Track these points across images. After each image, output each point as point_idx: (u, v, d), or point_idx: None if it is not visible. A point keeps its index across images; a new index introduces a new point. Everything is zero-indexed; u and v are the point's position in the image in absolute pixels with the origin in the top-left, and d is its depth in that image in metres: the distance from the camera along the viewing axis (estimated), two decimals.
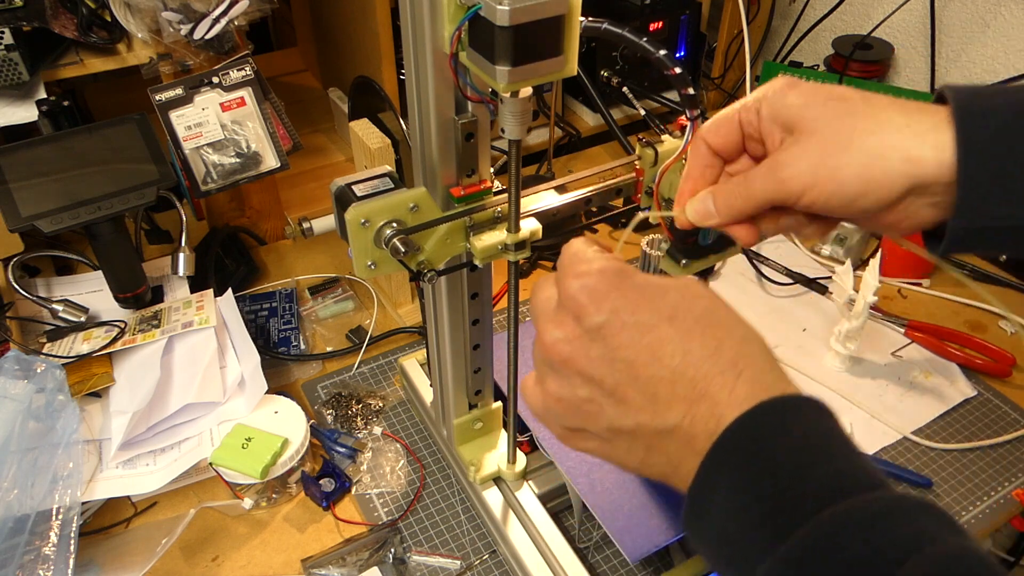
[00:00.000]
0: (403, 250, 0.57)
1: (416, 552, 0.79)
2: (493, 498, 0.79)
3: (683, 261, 0.61)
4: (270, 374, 0.91)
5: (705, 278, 0.64)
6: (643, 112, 1.33)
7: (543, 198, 0.63)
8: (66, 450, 0.75)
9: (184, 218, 0.97)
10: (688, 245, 0.60)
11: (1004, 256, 1.14)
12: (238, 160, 0.98)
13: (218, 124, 0.97)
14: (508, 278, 0.64)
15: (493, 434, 0.83)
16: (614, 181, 0.65)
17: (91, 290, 1.00)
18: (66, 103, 0.91)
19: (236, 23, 0.94)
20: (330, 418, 0.93)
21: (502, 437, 0.82)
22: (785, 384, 0.37)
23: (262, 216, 1.18)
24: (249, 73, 0.97)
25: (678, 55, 1.43)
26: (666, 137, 0.63)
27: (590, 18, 0.55)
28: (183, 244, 0.98)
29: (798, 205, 0.43)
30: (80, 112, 1.06)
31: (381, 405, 0.94)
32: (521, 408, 0.79)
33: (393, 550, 0.79)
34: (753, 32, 1.47)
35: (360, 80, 1.01)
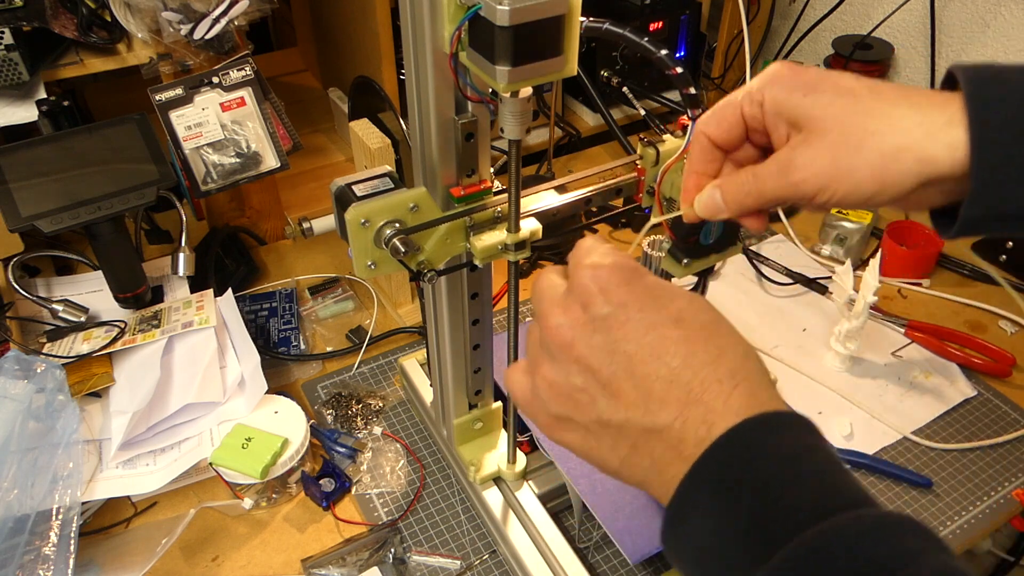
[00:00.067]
0: (403, 250, 0.57)
1: (416, 552, 0.79)
2: (493, 498, 0.79)
3: (685, 260, 0.61)
4: (270, 374, 0.91)
5: (706, 277, 0.64)
6: (643, 112, 1.33)
7: (543, 198, 0.63)
8: (66, 450, 0.75)
9: (184, 218, 0.97)
10: (690, 245, 0.60)
11: (1004, 256, 1.14)
12: (238, 160, 0.98)
13: (218, 124, 0.97)
14: (508, 278, 0.64)
15: (493, 434, 0.83)
16: (614, 181, 0.65)
17: (91, 290, 1.00)
18: (66, 103, 0.91)
19: (236, 23, 0.94)
20: (330, 418, 0.92)
21: (502, 437, 0.82)
22: (778, 403, 0.37)
23: (262, 216, 1.18)
24: (249, 73, 0.97)
25: (678, 55, 1.43)
26: (668, 137, 0.63)
27: (591, 18, 0.55)
28: (183, 244, 0.98)
29: (811, 204, 0.44)
30: (80, 112, 1.06)
31: (381, 405, 0.94)
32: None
33: (393, 550, 0.79)
34: (753, 32, 1.47)
35: (360, 80, 1.01)
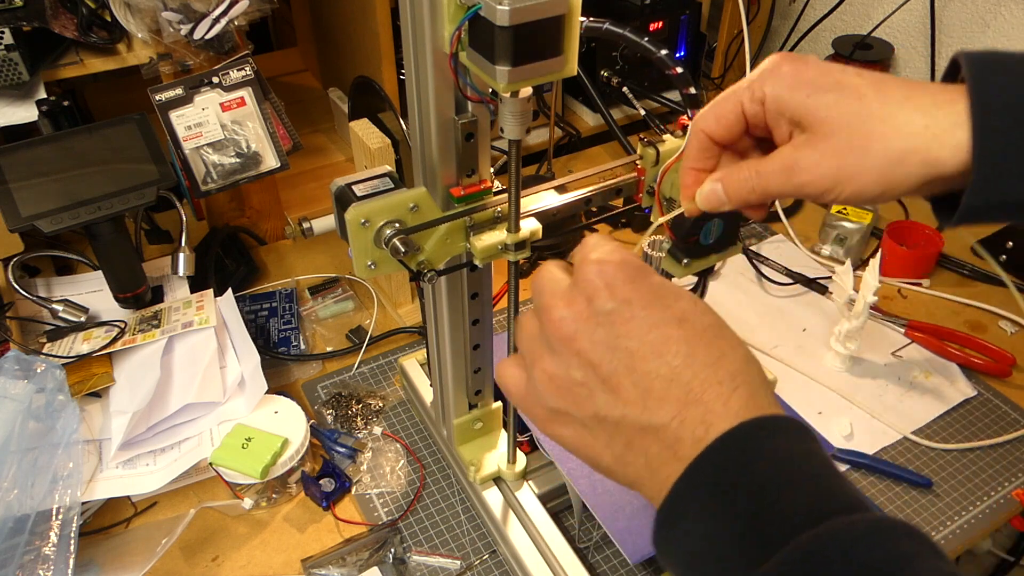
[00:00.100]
0: (403, 250, 0.57)
1: (416, 552, 0.79)
2: (493, 498, 0.79)
3: (685, 260, 0.61)
4: (270, 374, 0.91)
5: (706, 277, 0.64)
6: (643, 112, 1.33)
7: (543, 198, 0.63)
8: (66, 450, 0.75)
9: (184, 218, 0.97)
10: (689, 244, 0.60)
11: (1004, 256, 1.14)
12: (238, 160, 0.98)
13: (218, 124, 0.97)
14: (508, 278, 0.64)
15: (493, 434, 0.83)
16: (614, 181, 0.65)
17: (91, 290, 1.00)
18: (66, 103, 0.91)
19: (236, 23, 0.94)
20: (330, 418, 0.92)
21: (502, 437, 0.82)
22: (775, 408, 0.37)
23: (262, 216, 1.18)
24: (249, 73, 0.97)
25: (678, 55, 1.43)
26: (667, 137, 0.63)
27: (591, 18, 0.55)
28: (183, 244, 0.98)
29: (814, 200, 0.44)
30: (80, 112, 1.06)
31: (381, 405, 0.94)
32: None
33: (393, 550, 0.79)
34: (753, 32, 1.47)
35: (360, 80, 1.01)
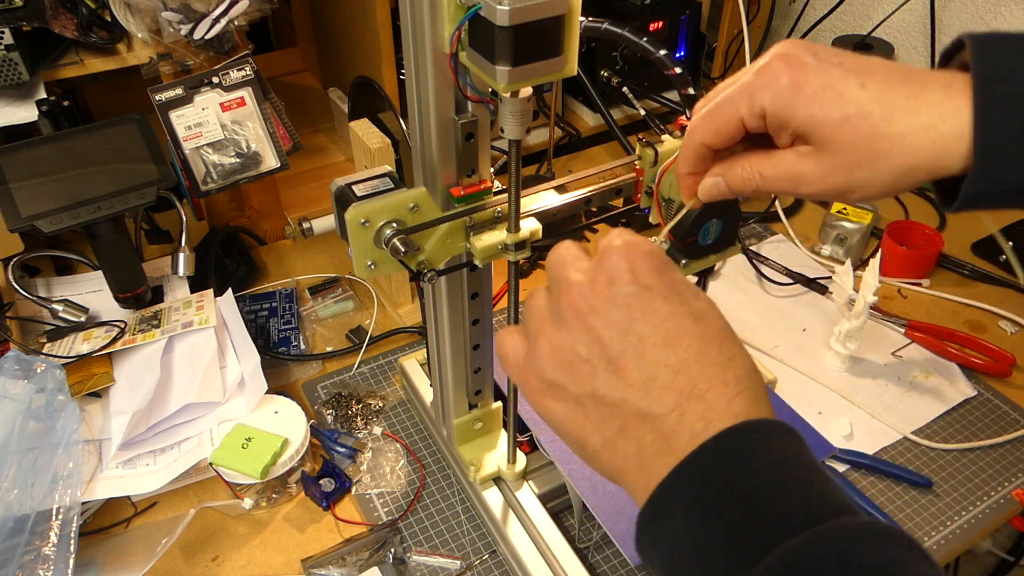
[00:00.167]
0: (403, 250, 0.57)
1: (416, 552, 0.79)
2: (493, 498, 0.79)
3: (683, 261, 0.61)
4: (270, 374, 0.91)
5: (705, 277, 0.64)
6: (643, 112, 1.33)
7: (543, 198, 0.63)
8: (66, 450, 0.75)
9: (184, 218, 0.97)
10: (688, 245, 0.60)
11: (1004, 256, 1.14)
12: (238, 160, 0.98)
13: (218, 124, 0.97)
14: (508, 278, 0.64)
15: (493, 434, 0.83)
16: (614, 181, 0.65)
17: (91, 290, 1.00)
18: (66, 103, 0.91)
19: (236, 23, 0.94)
20: (330, 418, 0.93)
21: (502, 437, 0.82)
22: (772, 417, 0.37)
23: (262, 216, 1.18)
24: (249, 73, 0.97)
25: (678, 55, 1.43)
26: (666, 137, 0.63)
27: (590, 18, 0.55)
28: (183, 244, 0.98)
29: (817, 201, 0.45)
30: (80, 112, 1.06)
31: (381, 405, 0.94)
32: (521, 408, 0.79)
33: (393, 550, 0.79)
34: (753, 32, 1.47)
35: (360, 80, 1.01)
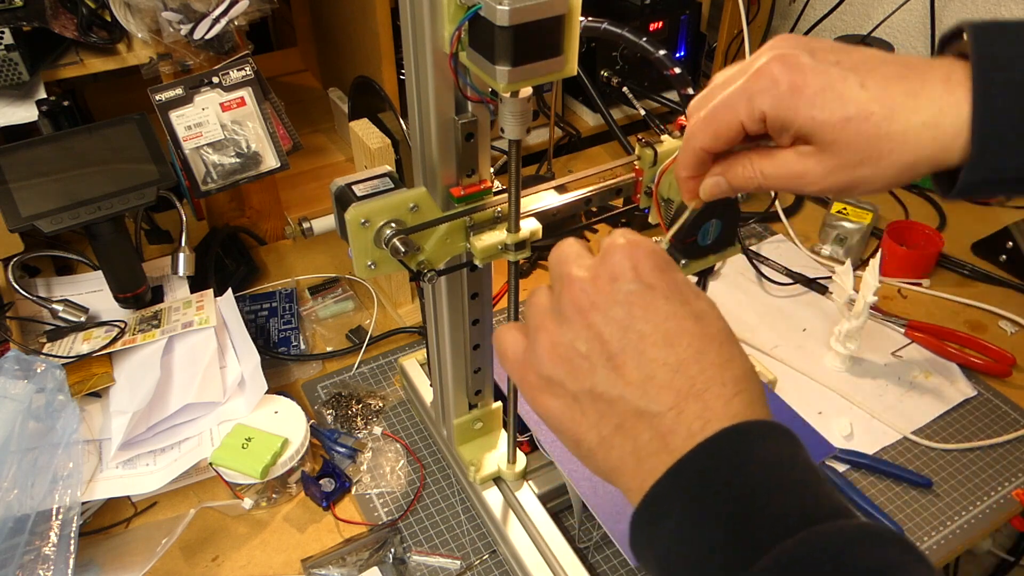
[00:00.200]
0: (403, 250, 0.57)
1: (416, 552, 0.79)
2: (493, 498, 0.79)
3: (683, 261, 0.61)
4: (270, 374, 0.91)
5: (705, 277, 0.64)
6: (643, 112, 1.33)
7: (543, 198, 0.63)
8: (66, 450, 0.75)
9: (184, 218, 0.97)
10: (687, 245, 0.60)
11: (1004, 256, 1.14)
12: (238, 160, 0.98)
13: (218, 124, 0.97)
14: (508, 278, 0.64)
15: (493, 434, 0.83)
16: (614, 181, 0.65)
17: (91, 290, 1.00)
18: (66, 103, 0.91)
19: (236, 23, 0.94)
20: (330, 418, 0.93)
21: (502, 437, 0.82)
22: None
23: (262, 216, 1.18)
24: (249, 73, 0.97)
25: (678, 55, 1.43)
26: (665, 137, 0.63)
27: (590, 18, 0.55)
28: (183, 244, 0.98)
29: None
30: (80, 112, 1.06)
31: (381, 405, 0.94)
32: (521, 408, 0.79)
33: (393, 550, 0.79)
34: (753, 32, 1.47)
35: (360, 80, 1.01)
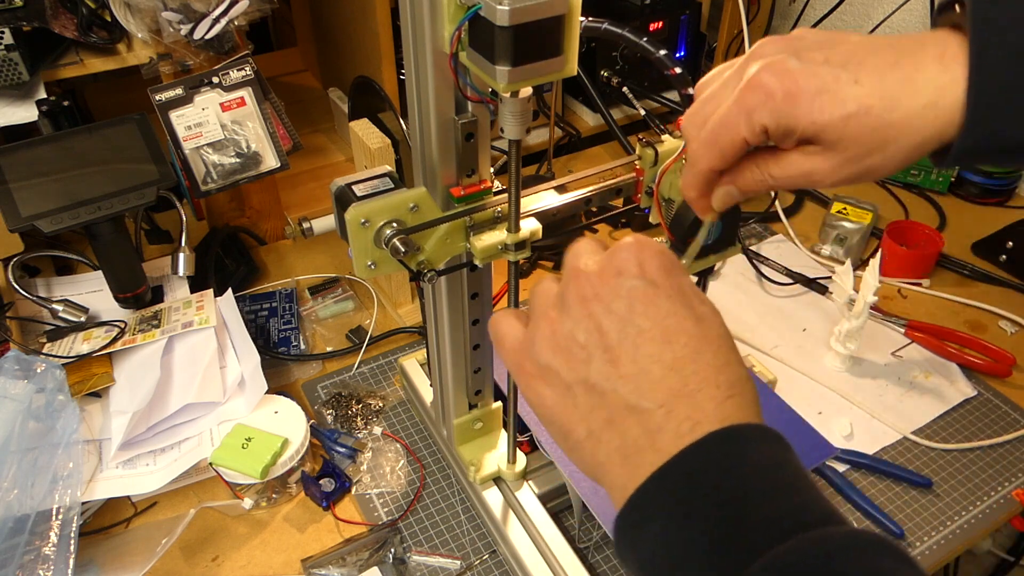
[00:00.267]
0: (403, 250, 0.57)
1: (416, 552, 0.79)
2: (493, 498, 0.79)
3: (683, 261, 0.61)
4: (270, 374, 0.91)
5: (706, 277, 0.64)
6: (643, 112, 1.33)
7: (543, 198, 0.63)
8: (66, 450, 0.75)
9: (184, 218, 0.97)
10: (688, 245, 0.60)
11: (1004, 256, 1.14)
12: (238, 160, 0.98)
13: (218, 124, 0.97)
14: (508, 278, 0.64)
15: (493, 434, 0.83)
16: (614, 181, 0.65)
17: (91, 290, 1.00)
18: (66, 103, 0.91)
19: (236, 23, 0.94)
20: (330, 418, 0.93)
21: (502, 437, 0.82)
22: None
23: (262, 216, 1.18)
24: (249, 73, 0.97)
25: (678, 55, 1.43)
26: (666, 137, 0.63)
27: (590, 18, 0.55)
28: (183, 244, 0.98)
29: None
30: (80, 112, 1.06)
31: (381, 405, 0.94)
32: (521, 408, 0.79)
33: (393, 550, 0.79)
34: (753, 32, 1.47)
35: (360, 80, 1.01)
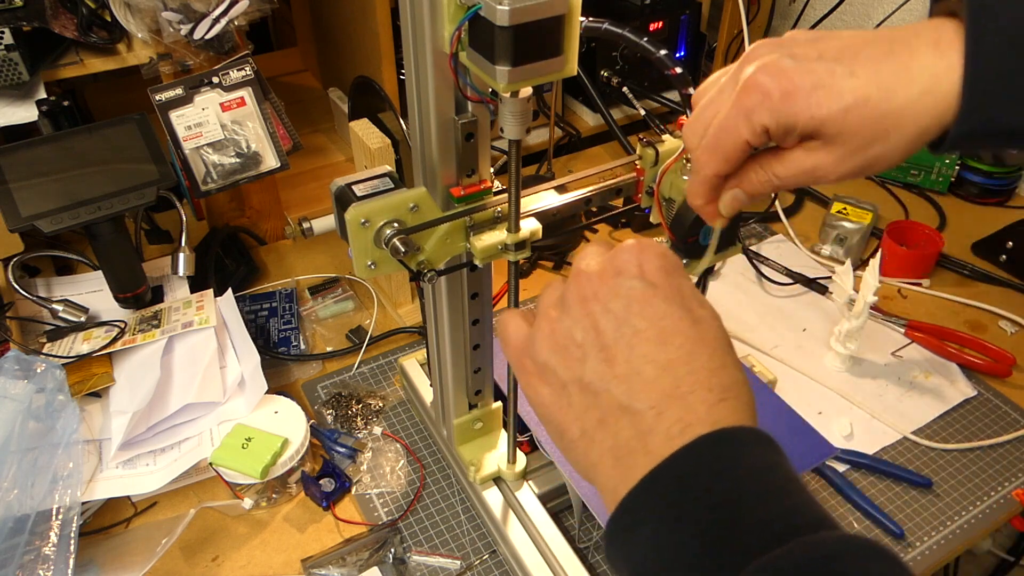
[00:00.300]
0: (403, 250, 0.57)
1: (416, 552, 0.79)
2: (493, 498, 0.79)
3: (684, 261, 0.61)
4: (270, 374, 0.91)
5: (706, 277, 0.64)
6: (643, 112, 1.33)
7: (543, 198, 0.63)
8: (66, 450, 0.75)
9: (184, 218, 0.97)
10: (689, 245, 0.60)
11: (1004, 256, 1.14)
12: (238, 160, 0.98)
13: (218, 124, 0.97)
14: (508, 278, 0.64)
15: (493, 434, 0.83)
16: (614, 181, 0.65)
17: (91, 290, 1.00)
18: (66, 103, 0.91)
19: (236, 23, 0.94)
20: (330, 418, 0.92)
21: (502, 437, 0.82)
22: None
23: (262, 216, 1.18)
24: (249, 73, 0.97)
25: (678, 55, 1.43)
26: (667, 137, 0.63)
27: (591, 18, 0.55)
28: (183, 244, 0.98)
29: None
30: (80, 112, 1.06)
31: (381, 405, 0.94)
32: (521, 408, 0.79)
33: (393, 550, 0.79)
34: (753, 32, 1.47)
35: (360, 80, 1.01)
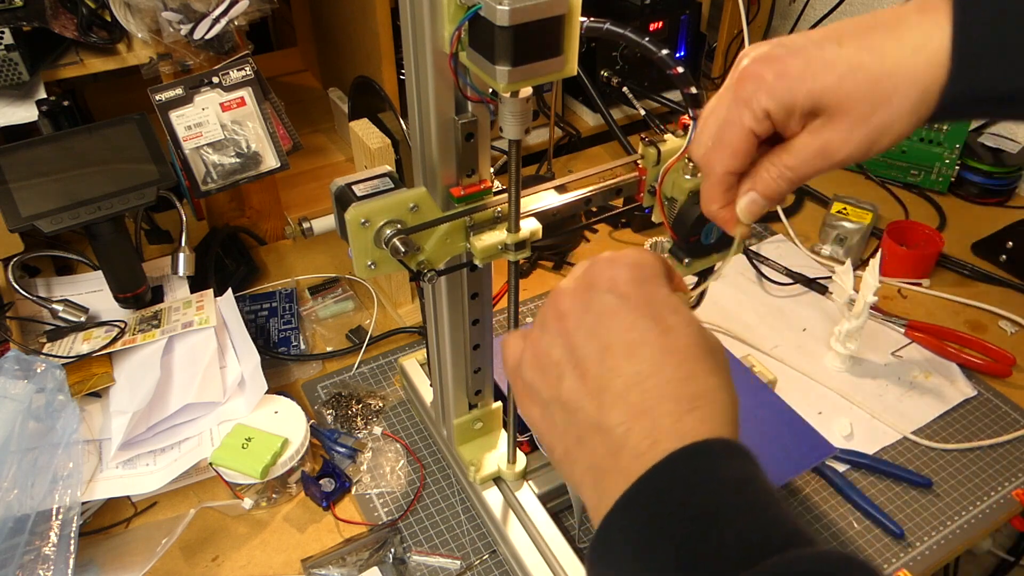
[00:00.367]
0: (403, 250, 0.57)
1: (416, 552, 0.79)
2: (493, 498, 0.79)
3: (686, 260, 0.61)
4: (270, 374, 0.91)
5: (706, 277, 0.64)
6: (643, 112, 1.33)
7: (543, 198, 0.63)
8: (66, 450, 0.75)
9: (184, 218, 0.97)
10: (691, 244, 0.60)
11: (1004, 256, 1.14)
12: (238, 160, 0.98)
13: (218, 124, 0.97)
14: (508, 278, 0.64)
15: (493, 434, 0.83)
16: (614, 181, 0.65)
17: (91, 290, 1.00)
18: (66, 103, 0.91)
19: (236, 23, 0.94)
20: (330, 418, 0.92)
21: (502, 437, 0.82)
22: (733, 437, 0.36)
23: (262, 216, 1.18)
24: (249, 73, 0.97)
25: (678, 55, 1.43)
26: (669, 136, 0.63)
27: (591, 18, 0.55)
28: (183, 244, 0.98)
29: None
30: (80, 112, 1.06)
31: (381, 405, 0.94)
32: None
33: (393, 550, 0.79)
34: (753, 32, 1.47)
35: (360, 80, 1.01)
